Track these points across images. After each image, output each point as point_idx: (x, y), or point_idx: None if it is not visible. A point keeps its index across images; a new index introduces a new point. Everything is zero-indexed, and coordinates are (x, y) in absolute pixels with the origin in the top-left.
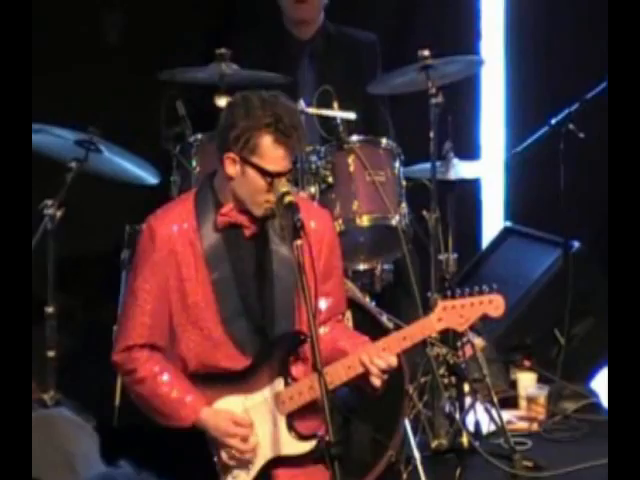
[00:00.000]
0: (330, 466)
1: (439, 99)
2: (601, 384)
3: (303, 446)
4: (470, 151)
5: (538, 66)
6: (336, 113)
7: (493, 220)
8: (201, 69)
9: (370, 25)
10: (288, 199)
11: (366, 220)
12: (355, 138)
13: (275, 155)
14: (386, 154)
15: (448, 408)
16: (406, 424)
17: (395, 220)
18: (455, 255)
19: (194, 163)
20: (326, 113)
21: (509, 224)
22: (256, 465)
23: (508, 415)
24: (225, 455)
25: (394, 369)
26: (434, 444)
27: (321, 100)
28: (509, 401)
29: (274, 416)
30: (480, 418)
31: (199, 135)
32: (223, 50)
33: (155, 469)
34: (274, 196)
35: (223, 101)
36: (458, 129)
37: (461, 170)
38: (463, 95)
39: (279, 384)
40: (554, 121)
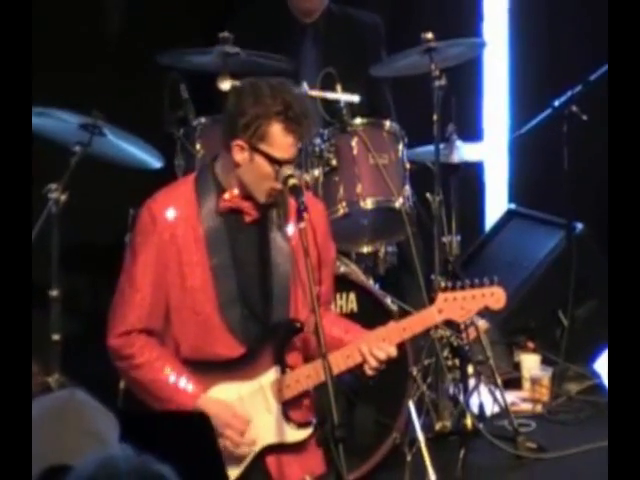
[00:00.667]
0: (334, 449)
1: (442, 82)
2: (604, 366)
3: (300, 434)
4: (473, 133)
5: (541, 48)
6: (339, 96)
7: (496, 202)
8: (204, 51)
9: (373, 7)
10: (292, 182)
11: (370, 203)
12: (358, 121)
13: (285, 143)
14: (389, 137)
15: (452, 390)
16: (410, 406)
17: (399, 203)
18: (458, 237)
19: (198, 146)
20: (329, 96)
21: (512, 206)
22: (250, 453)
23: (512, 397)
24: (220, 443)
25: (393, 359)
26: (438, 426)
27: (324, 82)
28: (513, 383)
29: (270, 404)
30: (484, 400)
31: (202, 119)
32: (226, 33)
33: (158, 452)
34: (280, 183)
35: (227, 84)
36: (461, 111)
37: (464, 152)
38: (466, 77)
39: (275, 372)
40: (557, 103)
